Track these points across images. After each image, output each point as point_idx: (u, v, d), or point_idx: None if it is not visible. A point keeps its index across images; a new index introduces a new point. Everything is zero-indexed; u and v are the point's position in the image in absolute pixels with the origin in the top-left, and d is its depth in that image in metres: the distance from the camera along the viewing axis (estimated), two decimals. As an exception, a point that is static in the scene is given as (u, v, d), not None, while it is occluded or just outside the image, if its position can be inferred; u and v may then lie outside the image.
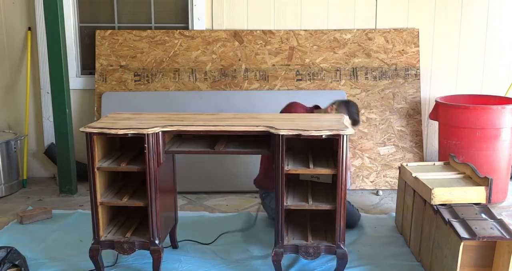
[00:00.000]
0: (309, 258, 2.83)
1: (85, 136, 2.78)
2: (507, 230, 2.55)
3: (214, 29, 4.69)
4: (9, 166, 4.47)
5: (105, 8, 4.80)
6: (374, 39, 4.60)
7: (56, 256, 3.22)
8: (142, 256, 3.13)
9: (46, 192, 4.50)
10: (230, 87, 4.61)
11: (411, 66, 4.60)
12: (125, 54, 4.65)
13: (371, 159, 4.50)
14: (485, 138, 3.94)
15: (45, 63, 4.49)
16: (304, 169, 2.83)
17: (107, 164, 2.88)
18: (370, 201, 4.20)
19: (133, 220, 3.12)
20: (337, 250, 2.83)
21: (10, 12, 4.67)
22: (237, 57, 4.63)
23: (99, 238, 2.89)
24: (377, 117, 4.56)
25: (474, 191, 2.89)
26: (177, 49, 4.64)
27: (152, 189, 2.81)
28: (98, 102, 4.59)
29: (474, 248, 2.73)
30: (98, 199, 2.85)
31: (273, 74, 4.61)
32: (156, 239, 2.87)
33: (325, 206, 2.83)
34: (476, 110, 3.94)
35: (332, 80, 4.59)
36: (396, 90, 4.58)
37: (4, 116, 4.85)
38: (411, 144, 4.54)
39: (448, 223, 2.65)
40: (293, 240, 2.88)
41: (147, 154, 2.75)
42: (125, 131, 2.74)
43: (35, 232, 3.58)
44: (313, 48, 4.61)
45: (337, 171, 2.73)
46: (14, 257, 2.90)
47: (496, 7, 4.64)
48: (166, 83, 4.63)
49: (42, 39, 4.60)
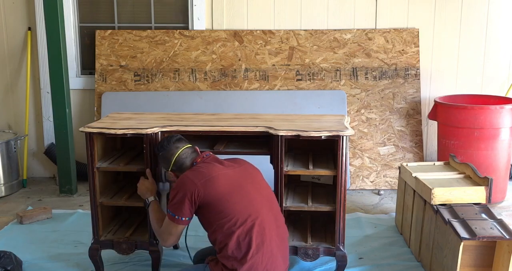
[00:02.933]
0: (308, 259, 2.82)
1: (85, 136, 2.78)
2: (507, 230, 2.55)
3: (214, 29, 4.69)
4: (9, 166, 4.47)
5: (105, 8, 4.80)
6: (374, 39, 4.60)
7: (56, 256, 3.22)
8: (142, 256, 3.13)
9: (46, 192, 4.51)
10: (230, 87, 4.61)
11: (411, 66, 4.60)
12: (125, 54, 4.65)
13: (371, 159, 4.50)
14: (484, 138, 3.94)
15: (45, 63, 4.49)
16: (303, 170, 2.83)
17: (107, 164, 2.88)
18: (370, 201, 4.20)
19: (133, 220, 3.12)
20: (336, 252, 2.82)
21: (10, 12, 4.68)
22: (237, 57, 4.63)
23: (99, 238, 2.90)
24: (377, 117, 4.56)
25: (474, 191, 2.89)
26: (177, 49, 4.65)
27: (151, 189, 2.81)
28: (98, 102, 4.59)
29: (474, 248, 2.73)
30: (97, 199, 2.85)
31: (273, 74, 4.61)
32: (155, 240, 2.87)
33: (324, 207, 2.83)
34: (475, 110, 3.94)
35: (332, 80, 4.59)
36: (396, 90, 4.58)
37: (4, 116, 4.85)
38: (411, 144, 4.54)
39: (448, 223, 2.65)
40: (292, 241, 2.87)
41: (146, 154, 2.75)
42: (124, 131, 2.75)
43: (35, 232, 3.58)
44: (313, 48, 4.61)
45: (337, 172, 2.73)
46: (7, 262, 2.88)
47: (496, 7, 4.63)
48: (166, 83, 4.63)
49: (42, 39, 4.61)
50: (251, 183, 2.51)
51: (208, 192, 2.38)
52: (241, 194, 2.42)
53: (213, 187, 2.39)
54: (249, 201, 2.42)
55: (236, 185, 2.44)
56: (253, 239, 2.35)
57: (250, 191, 2.46)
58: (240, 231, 2.34)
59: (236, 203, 2.38)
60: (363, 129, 4.54)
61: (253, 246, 2.34)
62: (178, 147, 2.60)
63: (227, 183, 2.42)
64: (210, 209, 2.39)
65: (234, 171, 2.50)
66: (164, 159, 2.62)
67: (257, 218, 2.38)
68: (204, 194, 2.38)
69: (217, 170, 2.46)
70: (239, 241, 2.34)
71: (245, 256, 2.33)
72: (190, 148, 2.62)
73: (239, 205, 2.38)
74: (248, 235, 2.35)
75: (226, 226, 2.36)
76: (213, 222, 2.40)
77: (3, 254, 2.92)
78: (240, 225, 2.35)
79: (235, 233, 2.34)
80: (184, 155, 2.58)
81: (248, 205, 2.41)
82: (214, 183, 2.40)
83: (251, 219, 2.37)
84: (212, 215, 2.40)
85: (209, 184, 2.39)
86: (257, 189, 2.51)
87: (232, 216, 2.36)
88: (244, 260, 2.33)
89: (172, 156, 2.57)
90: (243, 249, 2.34)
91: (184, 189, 2.40)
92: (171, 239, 2.51)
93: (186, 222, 2.44)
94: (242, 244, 2.34)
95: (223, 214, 2.37)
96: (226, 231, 2.35)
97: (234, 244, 2.34)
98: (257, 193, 2.49)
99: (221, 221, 2.37)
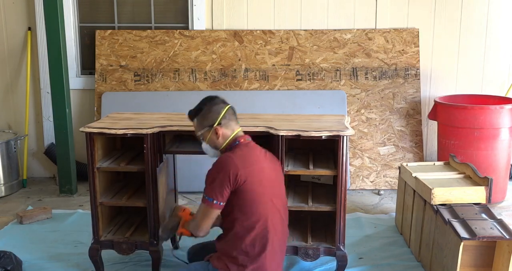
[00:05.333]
0: (309, 259, 2.82)
1: (85, 136, 2.77)
2: (507, 230, 2.55)
3: (214, 29, 4.69)
4: (9, 166, 4.47)
5: (105, 8, 4.80)
6: (374, 39, 4.60)
7: (56, 256, 3.23)
8: (142, 256, 3.13)
9: (46, 192, 4.50)
10: (230, 87, 4.61)
11: (411, 66, 4.60)
12: (125, 54, 4.65)
13: (371, 159, 4.51)
14: (484, 138, 3.94)
15: (45, 63, 4.48)
16: (304, 170, 2.83)
17: (107, 164, 2.88)
18: (370, 201, 4.20)
19: (133, 220, 3.12)
20: (336, 252, 2.82)
21: (10, 12, 4.67)
22: (237, 57, 4.63)
23: (99, 238, 2.89)
24: (377, 117, 4.56)
25: (474, 191, 2.89)
26: (177, 49, 4.65)
27: (151, 190, 2.81)
28: (98, 102, 4.59)
29: (474, 248, 2.74)
30: (98, 199, 2.85)
31: (273, 74, 4.61)
32: (155, 240, 2.87)
33: (325, 207, 2.83)
34: (475, 110, 3.94)
35: (332, 80, 4.59)
36: (396, 90, 4.58)
37: (4, 116, 4.85)
38: (411, 144, 4.55)
39: (448, 223, 2.65)
40: (292, 241, 2.87)
41: (146, 154, 2.75)
42: (125, 131, 2.74)
43: (35, 232, 3.58)
44: (313, 48, 4.61)
45: (338, 172, 2.73)
46: (7, 262, 2.88)
47: (496, 7, 4.63)
48: (166, 83, 4.63)
49: (42, 39, 4.60)
50: (279, 187, 2.53)
51: (250, 180, 2.33)
52: (271, 194, 2.42)
53: (254, 178, 2.35)
54: (274, 204, 2.43)
55: (269, 185, 2.43)
56: (269, 241, 2.36)
57: (277, 194, 2.48)
58: (259, 230, 2.35)
59: (265, 202, 2.38)
60: (363, 129, 4.54)
61: (268, 248, 2.35)
62: (224, 103, 2.50)
63: (264, 178, 2.40)
64: (241, 197, 2.34)
65: (270, 168, 2.47)
66: (210, 113, 2.45)
67: (274, 220, 2.40)
68: (246, 181, 2.32)
69: (260, 162, 2.42)
70: (256, 239, 2.35)
71: (258, 255, 2.35)
72: (232, 108, 2.51)
73: (266, 204, 2.39)
74: (265, 236, 2.36)
75: (250, 220, 2.35)
76: (237, 211, 2.37)
77: (3, 254, 2.92)
78: (262, 224, 2.36)
79: (255, 229, 2.35)
80: (231, 111, 2.48)
81: (273, 208, 2.42)
82: (255, 174, 2.36)
83: (270, 220, 2.38)
84: (239, 204, 2.36)
85: (252, 174, 2.34)
86: (281, 194, 2.54)
87: (257, 214, 2.36)
88: (256, 259, 2.34)
89: (222, 109, 2.45)
90: (257, 249, 2.35)
91: (225, 170, 2.31)
92: (205, 226, 2.41)
93: (221, 207, 2.36)
94: (257, 243, 2.35)
95: (251, 209, 2.35)
96: (247, 224, 2.35)
97: (250, 241, 2.35)
98: (280, 198, 2.51)
99: (245, 215, 2.36)
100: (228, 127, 2.46)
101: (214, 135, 2.45)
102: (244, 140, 2.47)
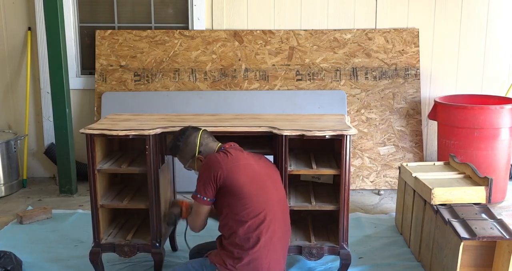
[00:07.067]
0: (313, 259, 2.83)
1: (86, 138, 2.75)
2: (507, 230, 2.55)
3: (214, 29, 4.69)
4: (9, 166, 4.47)
5: (105, 8, 4.80)
6: (374, 39, 4.61)
7: (56, 256, 3.23)
8: (142, 257, 3.13)
9: (46, 192, 4.51)
10: (230, 87, 4.61)
11: (411, 66, 4.60)
12: (125, 54, 4.65)
13: (371, 159, 4.51)
14: (484, 138, 3.95)
15: (45, 63, 4.48)
16: (307, 170, 2.83)
17: (108, 166, 2.86)
18: (370, 201, 4.20)
19: (133, 222, 3.09)
20: (340, 251, 2.83)
21: (10, 12, 4.67)
22: (237, 57, 4.63)
23: (100, 241, 2.86)
24: (377, 117, 4.56)
25: (474, 191, 2.89)
26: (177, 49, 4.65)
27: (154, 191, 2.79)
28: (98, 102, 4.59)
29: (474, 248, 2.74)
30: (98, 202, 2.82)
31: (273, 74, 4.61)
32: (157, 242, 2.85)
33: (328, 206, 2.83)
34: (475, 110, 3.94)
35: (332, 80, 4.59)
36: (396, 90, 4.58)
37: (4, 116, 4.85)
38: (411, 144, 4.55)
39: (448, 223, 2.65)
40: (296, 240, 2.87)
41: (148, 155, 2.74)
42: (126, 132, 2.72)
43: (35, 232, 3.58)
44: (313, 48, 4.62)
45: (341, 171, 2.73)
46: (7, 262, 2.88)
47: (496, 7, 4.63)
48: (166, 83, 4.63)
49: (42, 39, 4.60)
50: (271, 181, 2.56)
51: (231, 176, 2.42)
52: (261, 187, 2.47)
53: (238, 173, 2.43)
54: (266, 196, 2.46)
55: (258, 178, 2.49)
56: (263, 233, 2.39)
57: (269, 187, 2.51)
58: (252, 222, 2.39)
59: (254, 195, 2.43)
60: (363, 129, 4.55)
61: (261, 240, 2.38)
62: (196, 130, 2.64)
63: (250, 173, 2.47)
64: (229, 193, 2.43)
65: (258, 165, 2.56)
66: (187, 147, 2.60)
67: (269, 215, 2.43)
68: (227, 177, 2.41)
69: (244, 159, 2.51)
70: (249, 231, 2.38)
71: (252, 247, 2.37)
72: (205, 131, 2.66)
73: (257, 197, 2.43)
74: (259, 229, 2.39)
75: (241, 214, 2.40)
76: (228, 206, 2.44)
77: (3, 254, 2.92)
78: (253, 216, 2.40)
79: (247, 222, 2.39)
80: (205, 135, 2.63)
81: (264, 200, 2.45)
82: (239, 169, 2.45)
83: (264, 214, 2.41)
84: (228, 199, 2.43)
85: (234, 169, 2.44)
86: (275, 188, 2.56)
87: (248, 206, 2.40)
88: (250, 251, 2.37)
89: (196, 138, 2.60)
90: (251, 241, 2.38)
91: (209, 170, 2.44)
92: (198, 222, 2.55)
93: (209, 203, 2.48)
94: (251, 235, 2.38)
95: (240, 202, 2.41)
96: (239, 218, 2.40)
97: (243, 233, 2.38)
98: (275, 192, 2.54)
99: (236, 208, 2.41)
100: (209, 149, 2.60)
101: (200, 162, 2.60)
102: (230, 146, 2.59)
